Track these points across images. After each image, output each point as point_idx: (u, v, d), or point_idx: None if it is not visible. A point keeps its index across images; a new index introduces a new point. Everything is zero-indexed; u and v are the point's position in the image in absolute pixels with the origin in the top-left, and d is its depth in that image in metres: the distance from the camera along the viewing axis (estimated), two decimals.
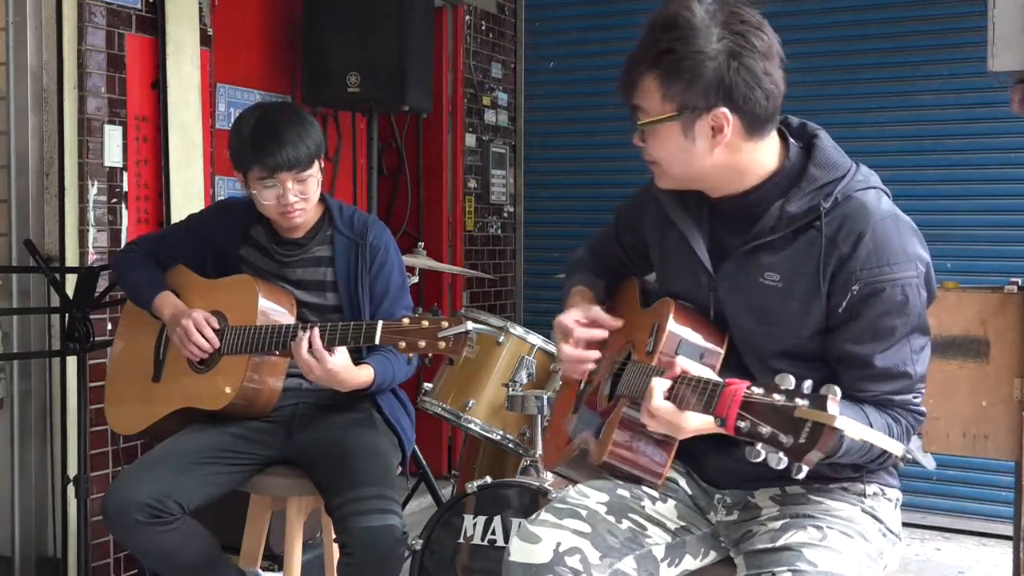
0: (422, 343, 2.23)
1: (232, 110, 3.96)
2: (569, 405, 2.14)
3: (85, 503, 2.98)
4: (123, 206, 3.45)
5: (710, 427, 1.59)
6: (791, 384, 1.45)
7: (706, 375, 1.64)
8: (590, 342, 1.99)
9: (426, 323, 2.23)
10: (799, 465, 1.43)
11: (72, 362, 3.17)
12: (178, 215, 3.43)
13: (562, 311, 2.08)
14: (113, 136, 3.40)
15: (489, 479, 2.82)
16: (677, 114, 1.71)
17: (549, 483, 2.77)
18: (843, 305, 1.71)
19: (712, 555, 1.90)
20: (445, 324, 2.22)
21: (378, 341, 2.28)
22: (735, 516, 1.88)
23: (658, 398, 1.65)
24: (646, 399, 1.67)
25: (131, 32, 3.46)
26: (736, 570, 1.81)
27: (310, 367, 2.38)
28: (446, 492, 3.81)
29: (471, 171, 5.31)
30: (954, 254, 4.40)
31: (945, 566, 4.12)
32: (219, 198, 3.82)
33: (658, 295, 1.95)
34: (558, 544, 1.74)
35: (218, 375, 2.56)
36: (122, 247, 3.30)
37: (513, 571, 1.75)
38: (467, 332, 2.22)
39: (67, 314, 3.00)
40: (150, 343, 2.74)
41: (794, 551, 1.70)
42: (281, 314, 2.57)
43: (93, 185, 3.34)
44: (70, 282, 3.06)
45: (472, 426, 3.22)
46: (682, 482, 1.93)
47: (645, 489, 1.87)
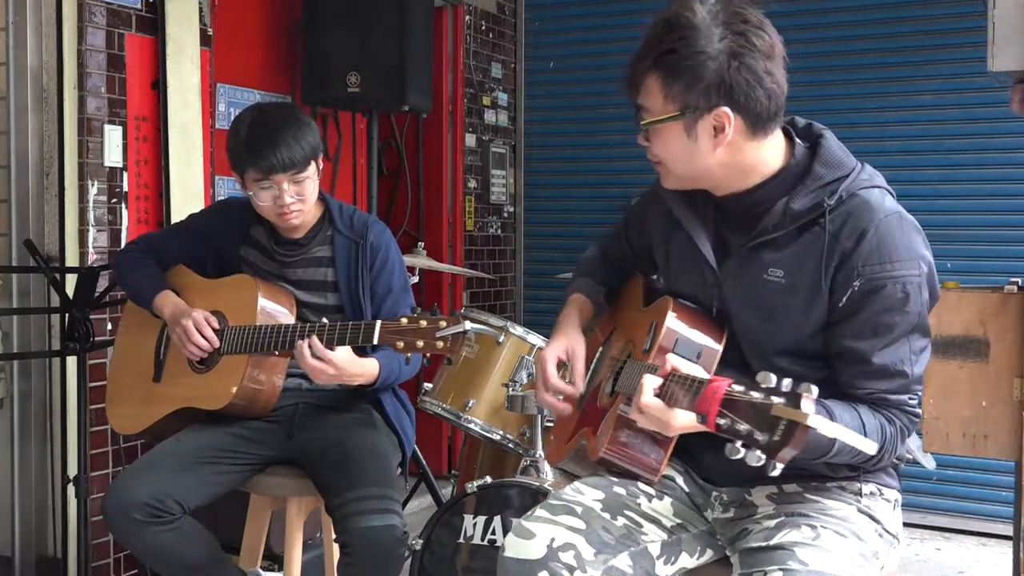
0: (420, 343, 2.23)
1: (232, 110, 3.96)
2: None
3: (85, 503, 2.98)
4: (123, 206, 3.45)
5: (697, 425, 1.59)
6: (772, 382, 1.46)
7: (696, 373, 1.64)
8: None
9: (424, 323, 2.23)
10: (773, 463, 1.44)
11: (72, 362, 3.17)
12: (178, 215, 3.43)
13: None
14: (113, 136, 3.40)
15: (489, 479, 2.82)
16: (679, 114, 1.72)
17: (549, 483, 2.77)
18: (843, 300, 1.71)
19: (709, 553, 1.90)
20: (443, 324, 2.22)
21: (376, 341, 2.28)
22: (731, 514, 1.88)
23: (647, 395, 1.66)
24: (636, 395, 1.68)
25: (131, 32, 3.46)
26: (732, 569, 1.81)
27: (320, 371, 2.38)
28: (446, 492, 3.81)
29: (471, 171, 5.31)
30: (954, 254, 4.40)
31: (945, 566, 4.11)
32: (219, 198, 3.82)
33: (662, 294, 1.95)
34: (552, 540, 1.74)
35: (218, 375, 2.56)
36: (122, 247, 3.30)
37: (507, 567, 1.76)
38: (465, 332, 2.22)
39: (67, 314, 2.99)
40: (151, 343, 2.74)
41: (787, 550, 1.70)
42: (281, 314, 2.57)
43: (93, 185, 3.34)
44: (70, 282, 3.06)
45: (472, 426, 3.22)
46: (679, 480, 1.93)
47: (641, 487, 1.87)
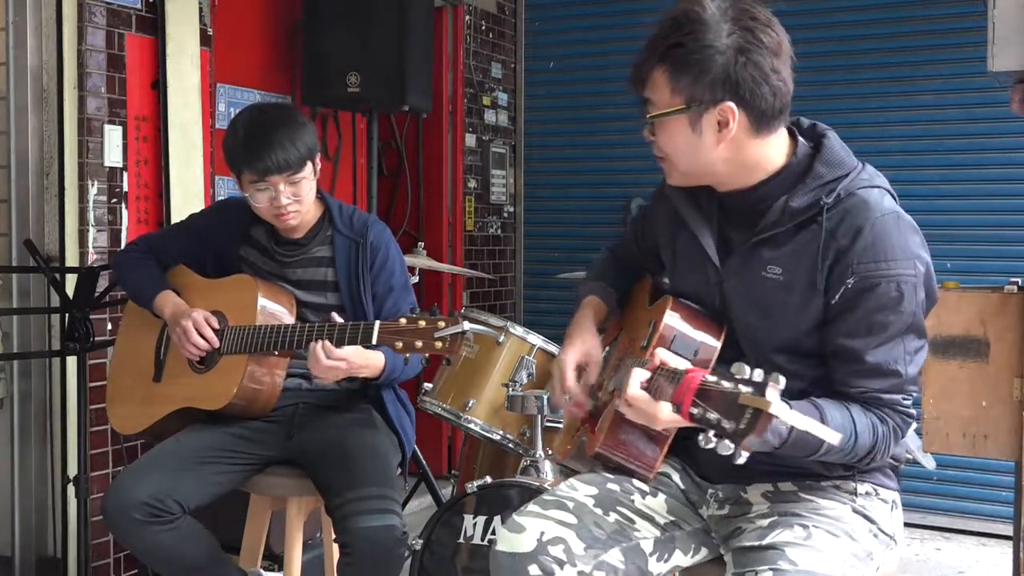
0: (419, 343, 2.23)
1: (232, 110, 3.96)
2: None
3: (85, 503, 2.98)
4: (123, 206, 3.45)
5: (679, 418, 1.59)
6: (745, 373, 1.47)
7: (682, 367, 1.65)
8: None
9: (423, 323, 2.23)
10: (739, 451, 1.45)
11: (72, 362, 3.17)
12: (178, 215, 3.43)
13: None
14: (113, 136, 3.40)
15: (489, 479, 2.82)
16: (685, 107, 1.73)
17: (549, 483, 2.77)
18: (836, 297, 1.72)
19: (703, 552, 1.91)
20: (442, 324, 2.22)
21: (375, 341, 2.28)
22: (726, 511, 1.89)
23: (633, 387, 1.67)
24: (623, 388, 1.69)
25: (131, 32, 3.46)
26: (726, 568, 1.82)
27: (337, 370, 2.39)
28: (446, 492, 3.80)
29: (471, 171, 5.31)
30: (954, 254, 4.40)
31: (945, 566, 4.11)
32: (219, 198, 3.82)
33: (667, 293, 1.96)
34: (542, 533, 1.76)
35: (218, 375, 2.56)
36: (122, 247, 3.30)
37: (498, 560, 1.78)
38: (463, 332, 2.22)
39: (67, 314, 2.99)
40: (151, 343, 2.74)
41: (778, 550, 1.71)
42: (281, 314, 2.57)
43: (93, 185, 3.34)
44: (70, 282, 3.06)
45: (472, 426, 3.21)
46: (676, 477, 1.94)
47: (636, 483, 1.88)
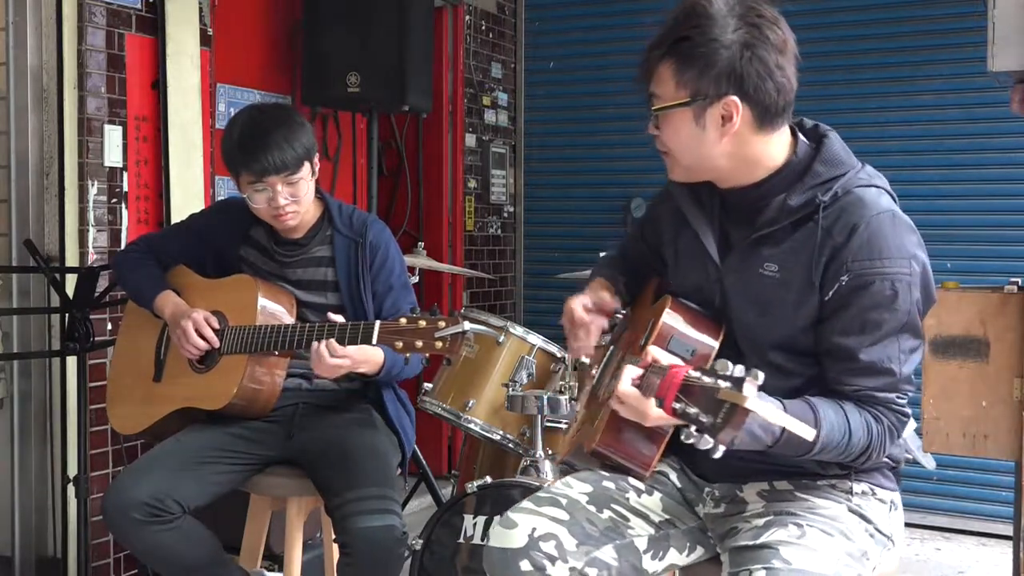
0: (419, 343, 2.23)
1: (232, 110, 3.96)
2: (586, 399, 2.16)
3: (85, 503, 2.98)
4: (123, 206, 3.45)
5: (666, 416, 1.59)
6: (727, 369, 1.47)
7: (668, 363, 1.65)
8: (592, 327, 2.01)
9: (423, 323, 2.23)
10: (717, 445, 1.46)
11: (72, 362, 3.17)
12: (178, 215, 3.43)
13: (561, 312, 2.09)
14: (113, 136, 3.40)
15: (489, 479, 2.82)
16: (690, 101, 1.74)
17: (549, 483, 2.77)
18: (830, 294, 1.72)
19: (699, 551, 1.91)
20: (442, 324, 2.21)
21: (375, 341, 2.28)
22: (722, 509, 1.90)
23: (624, 384, 1.67)
24: (615, 385, 1.69)
25: (131, 32, 3.46)
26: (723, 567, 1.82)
27: (340, 368, 2.39)
28: (446, 492, 3.80)
29: (471, 171, 5.31)
30: (954, 254, 4.40)
31: (945, 566, 4.11)
32: (219, 198, 3.82)
33: (669, 288, 1.97)
34: (533, 529, 1.77)
35: (218, 375, 2.56)
36: (122, 247, 3.30)
37: (491, 556, 1.79)
38: (464, 332, 2.22)
39: (67, 314, 3.00)
40: (151, 343, 2.74)
41: (772, 549, 1.71)
42: (281, 314, 2.57)
43: (93, 185, 3.34)
44: (70, 282, 3.06)
45: (472, 426, 3.22)
46: (673, 476, 1.95)
47: (632, 481, 1.89)
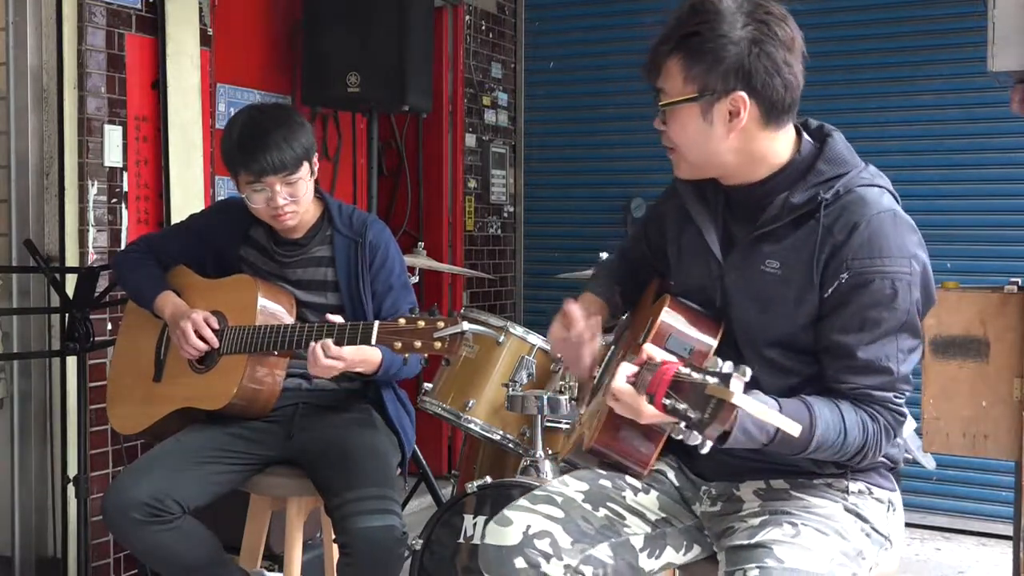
0: (418, 343, 2.23)
1: (232, 110, 3.96)
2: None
3: (85, 503, 2.98)
4: (123, 206, 3.45)
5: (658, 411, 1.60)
6: (716, 365, 1.48)
7: (661, 359, 1.65)
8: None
9: (422, 323, 2.23)
10: (704, 440, 1.47)
11: (72, 362, 3.17)
12: (178, 215, 3.43)
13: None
14: (113, 136, 3.40)
15: (489, 479, 2.82)
16: (698, 96, 1.74)
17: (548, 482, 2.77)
18: (830, 292, 1.73)
19: (696, 550, 1.92)
20: (441, 325, 2.22)
21: (374, 342, 2.28)
22: (718, 508, 1.90)
23: (619, 380, 1.67)
24: (611, 382, 1.69)
25: (131, 32, 3.46)
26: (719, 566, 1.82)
27: (334, 368, 2.39)
28: (446, 492, 3.80)
29: (471, 171, 5.31)
30: (954, 254, 4.40)
31: (945, 566, 4.11)
32: (219, 198, 3.82)
33: (671, 290, 1.97)
34: (528, 527, 1.77)
35: (218, 375, 2.56)
36: (122, 247, 3.30)
37: (486, 552, 1.80)
38: (463, 333, 2.22)
39: (67, 314, 3.00)
40: (151, 343, 2.74)
41: (766, 548, 1.71)
42: (281, 314, 2.57)
43: (93, 185, 3.34)
44: (70, 282, 3.06)
45: (472, 426, 3.22)
46: (671, 474, 1.96)
47: (629, 480, 1.89)
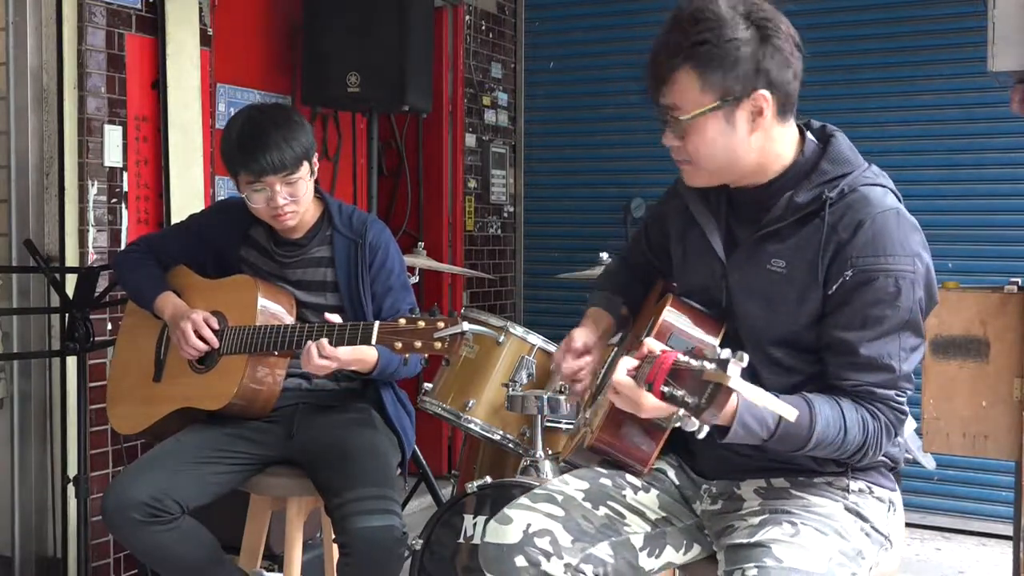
0: (418, 344, 2.23)
1: (232, 110, 3.96)
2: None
3: (85, 503, 2.98)
4: (123, 206, 3.45)
5: (659, 404, 1.60)
6: (714, 353, 1.48)
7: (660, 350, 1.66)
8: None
9: (422, 324, 2.23)
10: (700, 425, 1.48)
11: (72, 362, 3.17)
12: (178, 215, 3.43)
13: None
14: (113, 136, 3.40)
15: (489, 479, 2.82)
16: (720, 103, 1.73)
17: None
18: (833, 289, 1.73)
19: (696, 549, 1.92)
20: (441, 325, 2.22)
21: (374, 342, 2.28)
22: (719, 506, 1.90)
23: (620, 373, 1.68)
24: (611, 376, 1.70)
25: (131, 32, 3.46)
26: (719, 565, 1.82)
27: (327, 368, 2.39)
28: (446, 492, 3.80)
29: (471, 171, 5.31)
30: (954, 254, 4.40)
31: (945, 566, 4.11)
32: (219, 198, 3.82)
33: (674, 290, 1.97)
34: (528, 525, 1.78)
35: (218, 375, 2.56)
36: (123, 247, 3.30)
37: (486, 551, 1.80)
38: (463, 333, 2.22)
39: (67, 314, 3.00)
40: (151, 343, 2.74)
41: (765, 547, 1.72)
42: (281, 314, 2.57)
43: (93, 185, 3.34)
44: (70, 282, 3.06)
45: (472, 426, 3.21)
46: (671, 473, 1.96)
47: (629, 479, 1.90)
